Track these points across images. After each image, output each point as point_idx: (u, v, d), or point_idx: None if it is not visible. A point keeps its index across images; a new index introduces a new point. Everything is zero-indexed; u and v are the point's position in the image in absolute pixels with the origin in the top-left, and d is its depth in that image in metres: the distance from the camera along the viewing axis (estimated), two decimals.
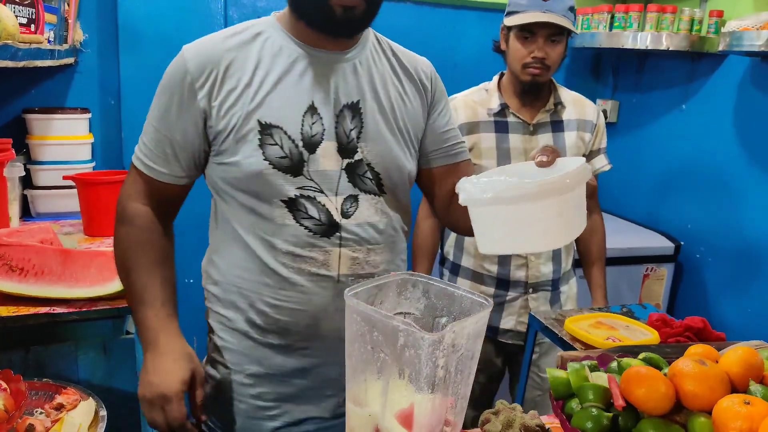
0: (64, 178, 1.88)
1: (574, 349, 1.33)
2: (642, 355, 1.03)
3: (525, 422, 0.94)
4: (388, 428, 0.72)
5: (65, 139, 2.07)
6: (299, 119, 1.02)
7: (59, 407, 1.16)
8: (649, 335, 1.40)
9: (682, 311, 2.57)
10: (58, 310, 1.28)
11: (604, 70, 2.92)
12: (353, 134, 1.05)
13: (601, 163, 1.92)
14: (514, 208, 0.74)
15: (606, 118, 2.84)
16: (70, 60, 2.07)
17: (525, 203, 0.73)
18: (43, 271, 1.33)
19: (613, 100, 2.85)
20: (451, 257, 1.92)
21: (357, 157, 1.06)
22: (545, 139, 1.81)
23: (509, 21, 1.70)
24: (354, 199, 1.06)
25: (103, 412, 1.13)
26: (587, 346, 1.35)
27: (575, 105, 1.85)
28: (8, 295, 1.30)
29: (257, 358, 1.10)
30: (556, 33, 1.67)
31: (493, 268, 1.81)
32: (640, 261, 2.44)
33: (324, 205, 1.04)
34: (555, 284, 1.84)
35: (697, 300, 2.53)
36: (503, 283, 1.81)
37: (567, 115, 1.84)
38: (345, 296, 0.74)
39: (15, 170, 1.87)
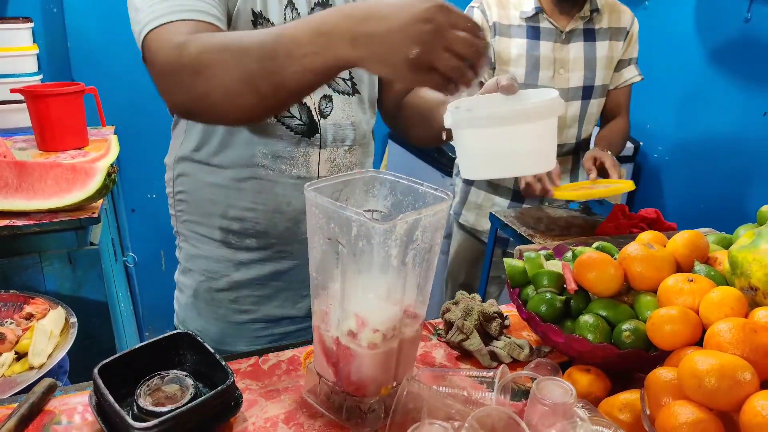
0: (12, 91, 1.80)
1: (532, 243, 1.38)
2: (596, 245, 1.07)
3: (483, 310, 0.99)
4: (347, 318, 0.75)
5: (8, 50, 1.97)
6: (282, 12, 0.98)
7: (29, 317, 1.17)
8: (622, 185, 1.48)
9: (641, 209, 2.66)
10: (18, 222, 1.27)
11: None
12: None
13: (632, 73, 1.85)
14: (504, 129, 0.75)
15: None
16: None
17: (517, 125, 0.74)
18: None
19: None
20: None
21: None
22: (576, 48, 1.74)
23: None
24: (329, 99, 1.05)
25: (74, 319, 1.15)
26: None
27: (610, 12, 1.77)
28: None
29: (234, 264, 1.10)
30: None
31: (509, 181, 1.81)
32: None
33: (305, 104, 1.03)
34: None
35: (655, 198, 2.61)
36: (518, 195, 1.83)
37: (601, 23, 1.76)
38: (305, 190, 0.74)
39: None
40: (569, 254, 1.03)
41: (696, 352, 0.70)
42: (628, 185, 1.43)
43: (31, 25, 2.03)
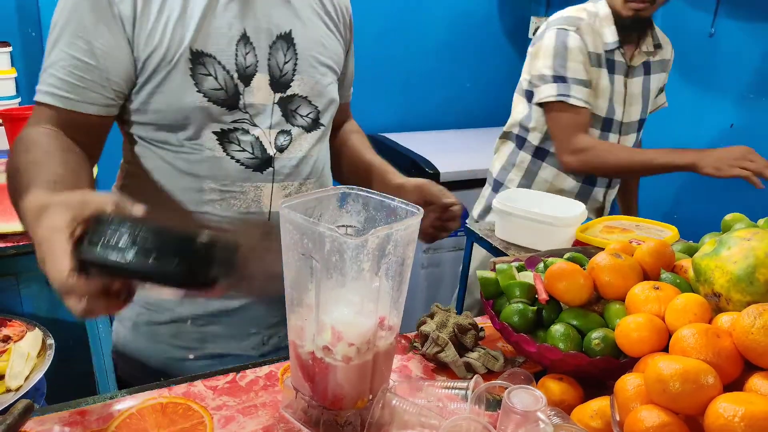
0: None
1: (506, 255, 1.40)
2: (566, 255, 1.10)
3: (458, 322, 1.01)
4: (322, 332, 0.76)
5: None
6: (233, 49, 0.96)
7: (6, 339, 1.17)
8: (668, 233, 1.41)
9: None
10: None
11: None
12: (287, 67, 1.01)
13: (662, 100, 1.87)
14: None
15: None
16: None
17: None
18: None
19: (546, 17, 2.86)
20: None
21: (290, 92, 1.02)
22: (636, 84, 1.71)
23: None
24: (287, 133, 1.03)
25: (51, 341, 1.15)
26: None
27: (664, 44, 1.75)
28: None
29: (179, 302, 1.05)
30: None
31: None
32: None
33: (258, 138, 1.00)
34: None
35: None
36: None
37: (658, 56, 1.74)
38: (279, 207, 0.75)
39: None
40: (541, 265, 1.06)
41: (661, 357, 0.72)
42: (675, 234, 1.37)
43: (10, 49, 2.04)
